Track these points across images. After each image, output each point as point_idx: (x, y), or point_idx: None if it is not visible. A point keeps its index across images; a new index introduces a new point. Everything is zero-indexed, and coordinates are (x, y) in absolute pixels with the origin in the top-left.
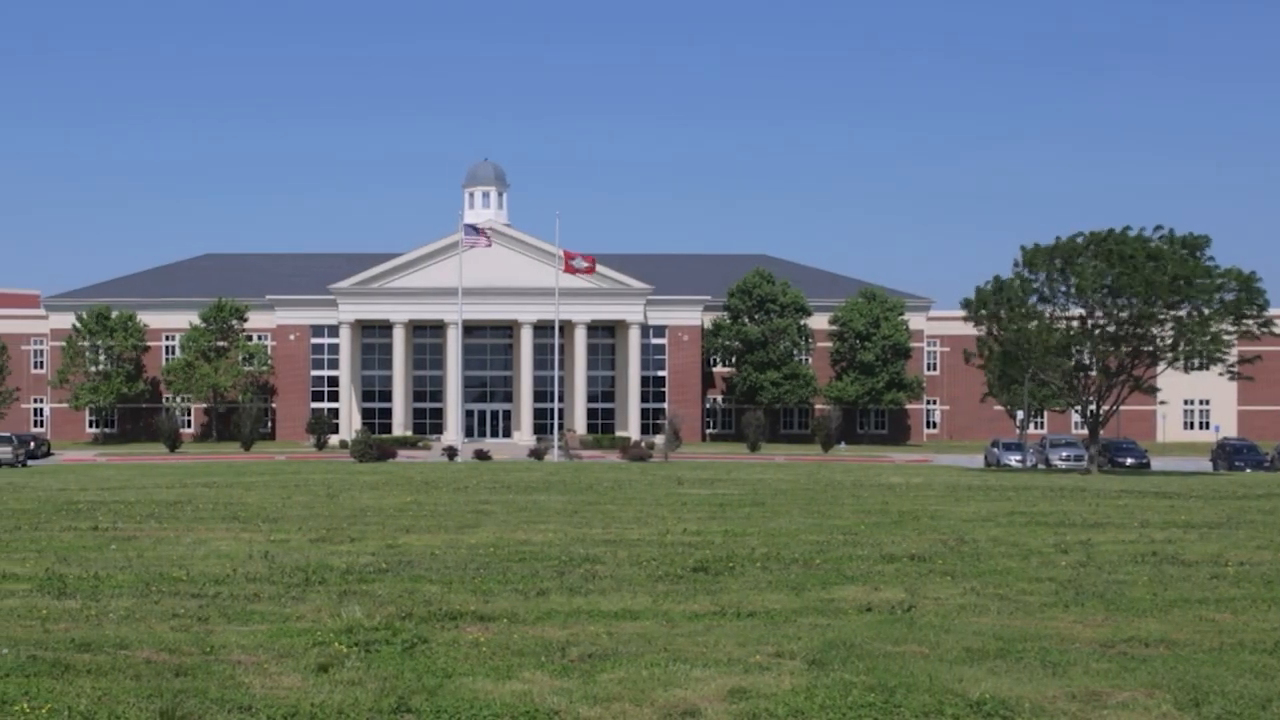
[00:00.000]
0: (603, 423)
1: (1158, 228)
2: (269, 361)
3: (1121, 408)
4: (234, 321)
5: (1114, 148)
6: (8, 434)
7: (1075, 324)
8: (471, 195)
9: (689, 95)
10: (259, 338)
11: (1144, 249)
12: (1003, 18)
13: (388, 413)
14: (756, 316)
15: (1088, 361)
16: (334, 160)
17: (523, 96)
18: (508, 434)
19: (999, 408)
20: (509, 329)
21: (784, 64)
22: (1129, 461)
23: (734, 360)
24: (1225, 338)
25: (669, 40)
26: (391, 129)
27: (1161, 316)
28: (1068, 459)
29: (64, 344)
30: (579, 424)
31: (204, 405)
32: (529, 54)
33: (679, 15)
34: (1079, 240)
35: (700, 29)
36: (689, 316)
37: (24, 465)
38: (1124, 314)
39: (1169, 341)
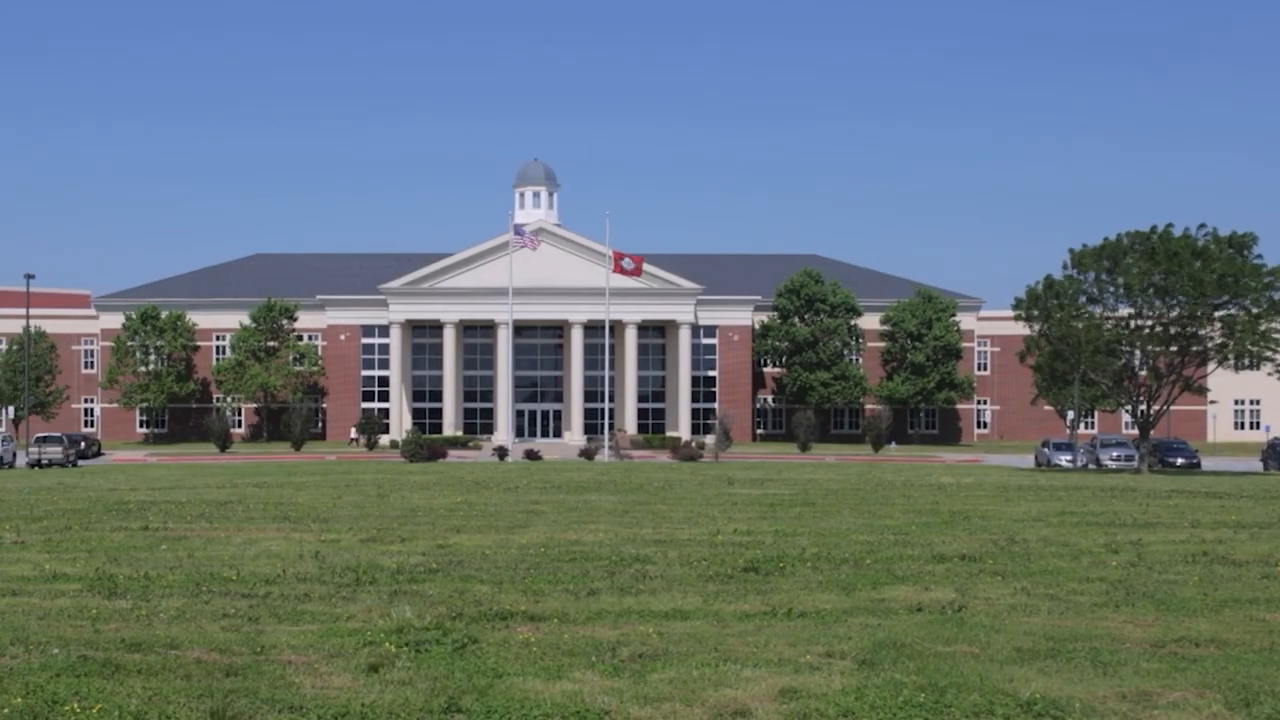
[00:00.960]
0: (653, 423)
1: (1201, 226)
2: (319, 361)
3: (1171, 408)
4: (284, 321)
5: (1164, 147)
6: (58, 434)
7: (1124, 324)
8: (522, 195)
9: (739, 95)
10: (309, 338)
11: (1189, 247)
12: (1051, 18)
13: (438, 413)
14: (806, 317)
15: (1137, 362)
16: (384, 160)
17: (573, 96)
18: (558, 434)
19: (1049, 408)
20: (559, 329)
21: (834, 64)
22: (1179, 461)
23: (784, 360)
24: (1275, 336)
25: (719, 40)
26: (442, 129)
27: (1210, 316)
28: (1118, 459)
29: (114, 344)
30: (629, 424)
31: (254, 405)
32: (579, 54)
33: (729, 15)
34: (1124, 240)
35: (750, 29)
36: (739, 316)
37: (74, 465)
38: (1172, 313)
39: (1218, 341)
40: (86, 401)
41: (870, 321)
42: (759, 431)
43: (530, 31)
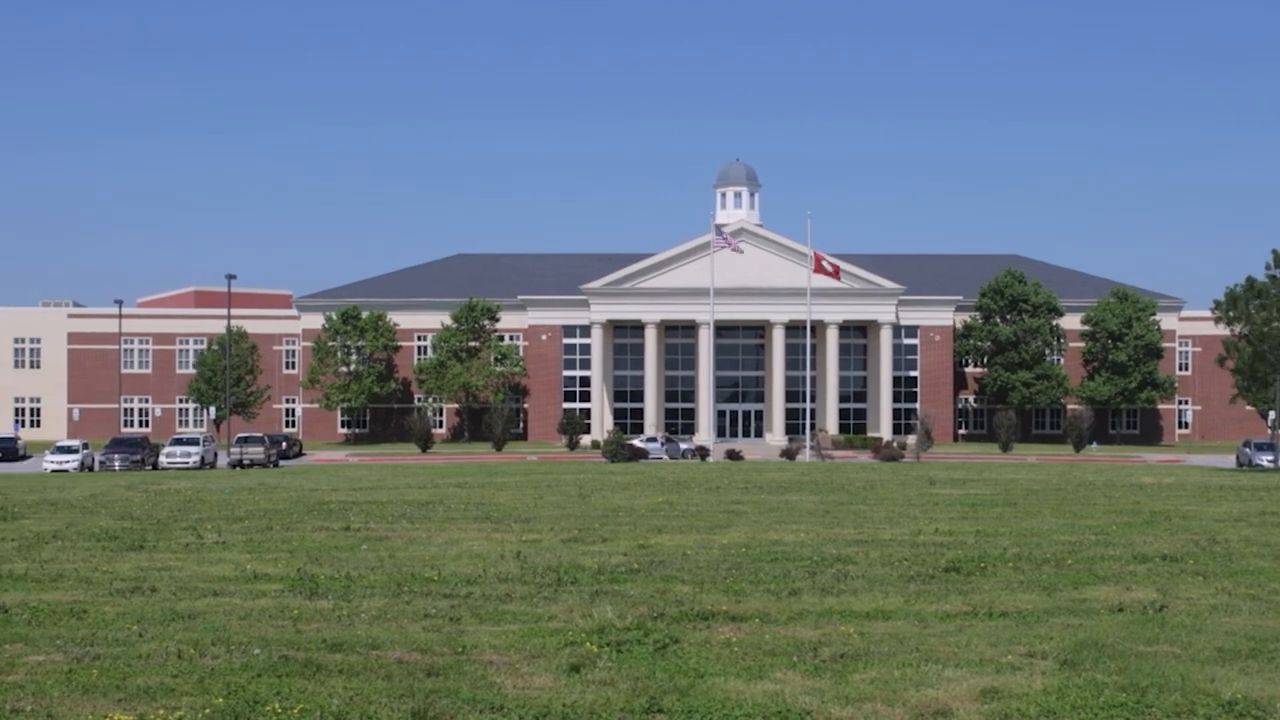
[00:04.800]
0: (854, 423)
1: None
2: (521, 362)
3: None
4: (485, 321)
5: None
6: (259, 434)
7: None
8: (723, 195)
9: (940, 95)
10: (510, 338)
11: None
12: (1249, 15)
13: (639, 413)
14: (1008, 317)
15: None
16: (585, 160)
17: (774, 96)
18: (759, 434)
19: (1250, 408)
20: (760, 329)
21: (1034, 64)
22: None
23: (985, 360)
24: None
25: (921, 39)
26: (643, 129)
27: None
28: None
29: (314, 344)
30: (831, 424)
31: (455, 405)
32: (781, 54)
33: (930, 15)
34: None
35: (952, 29)
36: (940, 317)
37: (276, 465)
38: None
39: None
40: (288, 402)
41: (1071, 321)
42: (960, 432)
43: (732, 32)
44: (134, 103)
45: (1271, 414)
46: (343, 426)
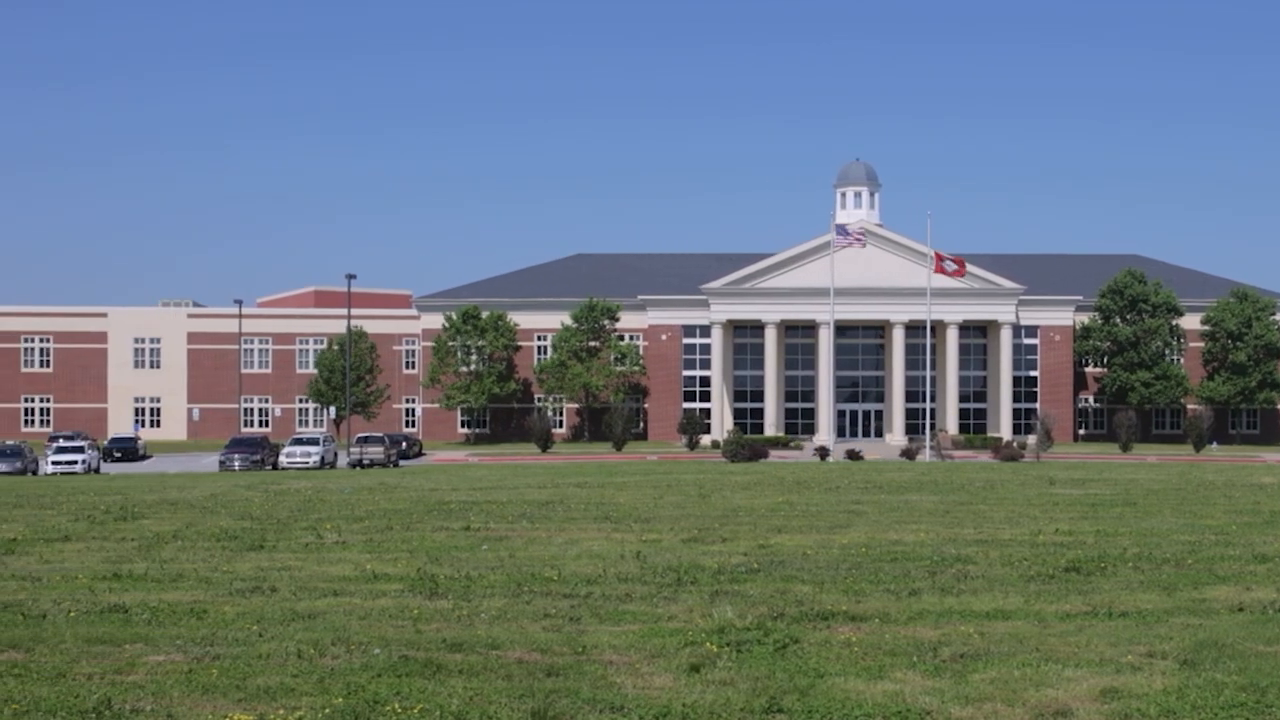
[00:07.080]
0: (974, 423)
1: None
2: (640, 361)
3: None
4: (605, 321)
5: None
6: (379, 434)
7: None
8: (843, 195)
9: (1059, 94)
10: (630, 338)
11: None
12: None
13: (759, 413)
14: (1128, 317)
15: None
16: (705, 160)
17: (895, 96)
18: (879, 434)
19: None
20: (880, 329)
21: (1155, 63)
22: None
23: (1105, 361)
24: None
25: (1038, 39)
26: (763, 129)
27: None
28: None
29: (434, 344)
30: (950, 424)
31: (575, 405)
32: (901, 54)
33: (1048, 14)
34: None
35: (1070, 28)
36: (1060, 317)
37: (395, 465)
38: None
39: None
40: (407, 401)
41: (1190, 321)
42: (1080, 432)
43: (854, 32)
44: (256, 104)
45: None
46: (463, 426)
